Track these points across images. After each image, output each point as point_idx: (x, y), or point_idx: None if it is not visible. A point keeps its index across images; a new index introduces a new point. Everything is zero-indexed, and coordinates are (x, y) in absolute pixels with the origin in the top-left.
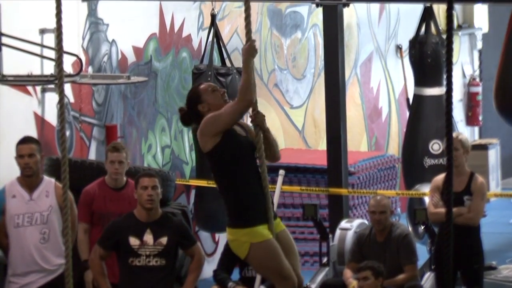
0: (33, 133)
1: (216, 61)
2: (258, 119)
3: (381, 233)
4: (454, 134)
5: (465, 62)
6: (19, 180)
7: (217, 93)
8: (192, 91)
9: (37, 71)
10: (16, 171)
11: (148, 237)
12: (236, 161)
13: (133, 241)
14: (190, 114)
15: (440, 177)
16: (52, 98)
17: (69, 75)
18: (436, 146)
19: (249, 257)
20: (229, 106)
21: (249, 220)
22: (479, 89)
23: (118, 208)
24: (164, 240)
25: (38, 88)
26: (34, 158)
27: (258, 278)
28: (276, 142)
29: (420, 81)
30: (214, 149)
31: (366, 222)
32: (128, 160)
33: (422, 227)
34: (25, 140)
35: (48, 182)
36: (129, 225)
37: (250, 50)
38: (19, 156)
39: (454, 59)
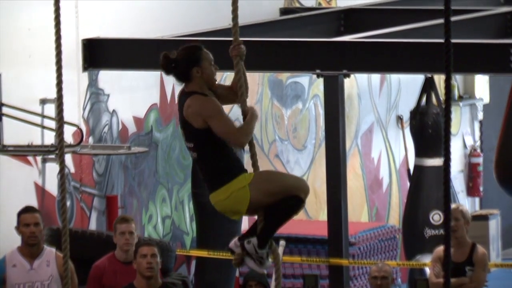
0: (34, 203)
1: None
2: (240, 51)
3: None
4: (455, 205)
5: (466, 132)
6: (20, 249)
7: (214, 68)
8: (193, 51)
9: (37, 141)
10: (16, 241)
11: None
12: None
13: None
14: (179, 69)
15: (441, 248)
16: (52, 168)
17: (70, 146)
18: (436, 217)
19: (253, 197)
20: (229, 123)
21: (237, 168)
22: (480, 160)
23: (128, 282)
24: None
25: (39, 158)
26: (39, 227)
27: None
28: (249, 129)
29: (421, 151)
30: (205, 129)
31: None
32: (136, 232)
33: None
34: (29, 210)
35: (49, 251)
36: None
37: (239, 50)
38: (24, 225)
39: (455, 130)
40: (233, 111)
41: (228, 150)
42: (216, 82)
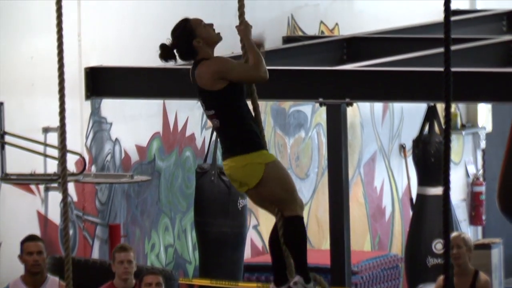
0: (37, 232)
1: (220, 160)
2: (245, 29)
3: None
4: (457, 233)
5: (469, 161)
6: (23, 278)
7: (210, 27)
8: (182, 26)
9: (40, 170)
10: (19, 270)
11: None
12: (242, 96)
13: None
14: (182, 50)
15: (442, 277)
16: (55, 197)
17: (72, 174)
18: (439, 246)
19: (264, 179)
20: (245, 64)
21: (260, 144)
22: (482, 188)
23: None
24: None
25: (42, 187)
26: (42, 255)
27: None
28: (258, 59)
29: (424, 180)
30: (224, 89)
31: None
32: (135, 260)
33: None
34: (33, 238)
35: (53, 280)
36: None
37: (247, 28)
38: (28, 254)
39: (457, 159)
40: None
41: (251, 122)
42: (217, 32)
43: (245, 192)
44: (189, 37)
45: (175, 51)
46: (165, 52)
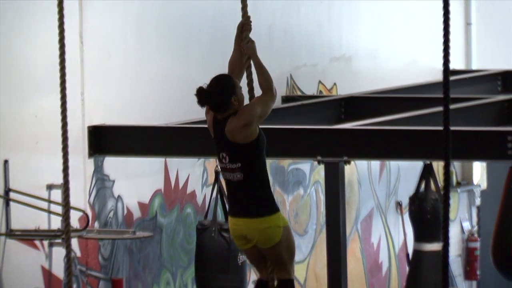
0: (41, 286)
1: (220, 217)
2: (252, 45)
3: None
4: None
5: (464, 218)
6: None
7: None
8: (228, 80)
9: (44, 226)
10: None
11: None
12: (265, 151)
13: None
14: (217, 100)
15: None
16: (59, 252)
17: (76, 230)
18: None
19: (281, 240)
20: (261, 99)
21: (277, 208)
22: (477, 244)
23: None
24: None
25: (46, 243)
26: None
27: None
28: (269, 79)
29: (420, 236)
30: (256, 140)
31: None
32: None
33: None
34: None
35: None
36: None
37: (253, 44)
38: None
39: (453, 216)
40: None
41: (269, 184)
42: None
43: (247, 248)
44: (230, 92)
45: (210, 97)
46: (203, 95)
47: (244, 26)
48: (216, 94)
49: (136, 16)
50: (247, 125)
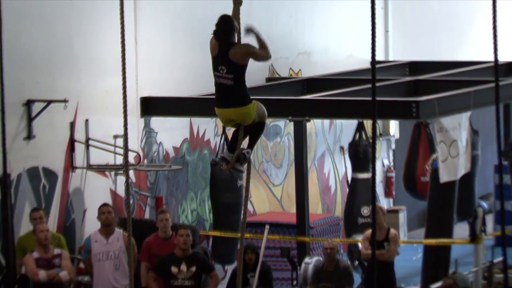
0: (109, 202)
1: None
2: (251, 30)
3: (330, 265)
4: (376, 204)
5: (384, 157)
6: (100, 230)
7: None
8: (233, 20)
9: (111, 162)
10: (97, 225)
11: (183, 267)
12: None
13: (174, 269)
14: (226, 31)
15: (368, 231)
16: (121, 179)
17: (132, 165)
18: (365, 211)
19: (255, 117)
20: (256, 50)
21: (251, 99)
22: (393, 174)
23: (167, 251)
24: (193, 268)
25: (112, 173)
26: (111, 215)
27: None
28: (266, 46)
29: (355, 169)
30: (245, 65)
31: (321, 258)
32: (171, 219)
33: (357, 262)
34: (105, 205)
35: (118, 231)
36: (171, 259)
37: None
38: (102, 214)
39: (377, 155)
40: None
41: (246, 87)
42: None
43: (232, 125)
44: (233, 27)
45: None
46: (221, 31)
47: (246, 29)
48: (226, 25)
49: (172, 22)
50: (247, 55)
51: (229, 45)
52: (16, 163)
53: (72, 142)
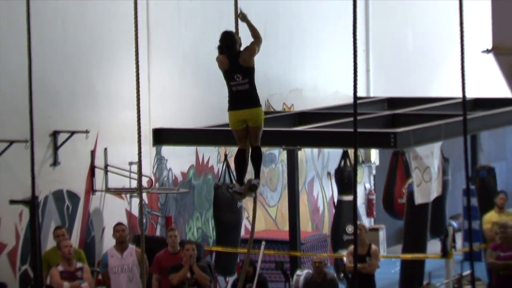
0: (124, 221)
1: (227, 180)
2: (244, 17)
3: (319, 276)
4: (360, 223)
5: (366, 181)
6: (115, 247)
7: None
8: (234, 34)
9: (127, 186)
10: (114, 242)
11: (188, 275)
12: None
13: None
14: (230, 45)
15: (352, 246)
16: (136, 201)
17: (145, 188)
18: (350, 229)
19: (262, 122)
20: (256, 43)
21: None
22: (374, 197)
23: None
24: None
25: (128, 195)
26: (125, 233)
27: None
28: (255, 30)
29: (341, 192)
30: (254, 65)
31: (310, 271)
32: (179, 236)
33: (342, 274)
34: (119, 223)
35: (131, 247)
36: (179, 269)
37: (244, 14)
38: (116, 231)
39: (360, 180)
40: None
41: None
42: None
43: (240, 128)
44: (236, 40)
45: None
46: (223, 44)
47: (240, 14)
48: (230, 40)
49: (180, 61)
50: (252, 55)
51: (236, 55)
52: (43, 186)
53: (92, 168)
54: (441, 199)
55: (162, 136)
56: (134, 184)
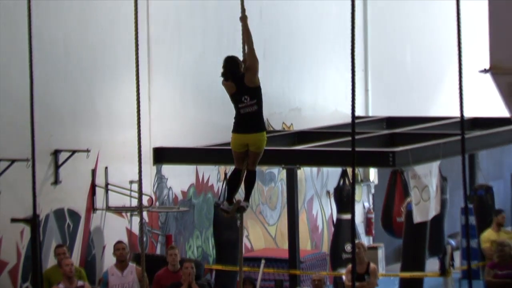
0: (125, 240)
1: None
2: (244, 20)
3: None
4: (358, 241)
5: (365, 200)
6: (115, 265)
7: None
8: (236, 58)
9: (127, 204)
10: (113, 260)
11: None
12: None
13: None
14: (233, 70)
15: (351, 265)
16: (136, 220)
17: (146, 207)
18: (348, 248)
19: (263, 148)
20: (254, 63)
21: None
22: (373, 215)
23: (175, 283)
24: None
25: (128, 214)
26: (125, 251)
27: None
28: (250, 42)
29: (340, 210)
30: (259, 85)
31: None
32: (179, 254)
33: None
34: (119, 242)
35: (131, 266)
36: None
37: (245, 17)
38: (116, 250)
39: (358, 199)
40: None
41: None
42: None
43: (241, 151)
44: (239, 64)
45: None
46: (227, 71)
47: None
48: (233, 65)
49: (180, 81)
50: (255, 74)
51: (241, 77)
52: (44, 205)
53: (93, 186)
54: (439, 217)
55: (163, 155)
56: (134, 202)
